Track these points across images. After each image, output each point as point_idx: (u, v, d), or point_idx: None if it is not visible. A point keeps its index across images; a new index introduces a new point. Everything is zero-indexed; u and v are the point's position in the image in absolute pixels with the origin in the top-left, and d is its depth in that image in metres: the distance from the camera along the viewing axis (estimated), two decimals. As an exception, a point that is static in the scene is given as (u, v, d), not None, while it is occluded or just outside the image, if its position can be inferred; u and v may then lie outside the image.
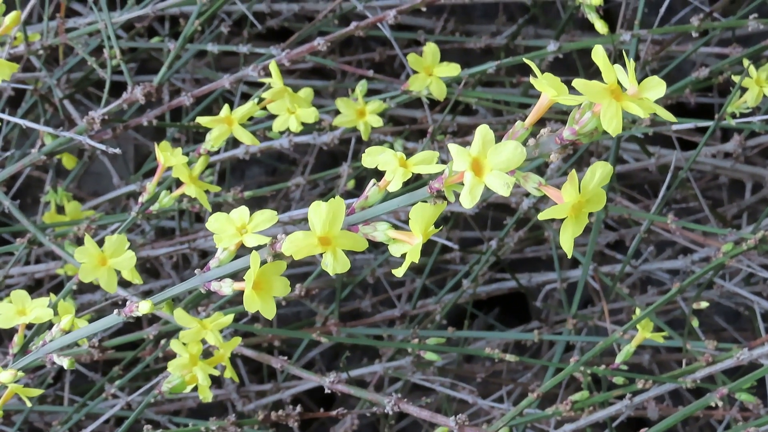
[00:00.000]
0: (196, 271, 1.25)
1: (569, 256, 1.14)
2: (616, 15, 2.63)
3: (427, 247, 2.76)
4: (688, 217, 2.73)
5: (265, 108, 1.95)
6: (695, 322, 2.06)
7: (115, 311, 1.31)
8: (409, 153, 1.60)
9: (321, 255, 1.17)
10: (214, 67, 2.75)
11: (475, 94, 2.26)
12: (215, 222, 1.23)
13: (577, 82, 1.05)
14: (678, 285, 1.97)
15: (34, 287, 2.65)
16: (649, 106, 1.07)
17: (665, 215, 2.22)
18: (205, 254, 2.67)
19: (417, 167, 1.15)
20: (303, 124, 2.02)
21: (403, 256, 1.16)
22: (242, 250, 1.25)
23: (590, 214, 2.26)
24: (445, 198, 1.13)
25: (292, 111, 1.99)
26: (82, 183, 2.99)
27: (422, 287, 2.55)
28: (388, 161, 1.15)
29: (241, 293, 1.20)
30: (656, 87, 1.10)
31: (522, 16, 2.94)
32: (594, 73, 2.87)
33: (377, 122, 2.07)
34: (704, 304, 2.03)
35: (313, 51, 2.08)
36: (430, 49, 2.06)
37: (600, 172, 1.10)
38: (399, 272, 1.15)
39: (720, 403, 1.86)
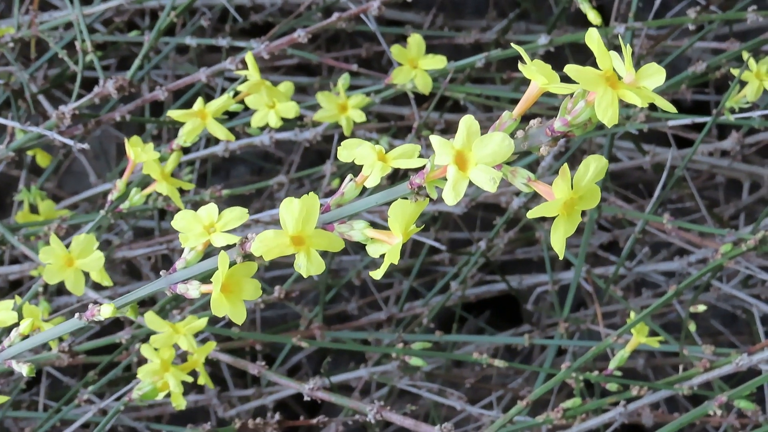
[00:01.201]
0: (161, 273, 1.18)
1: (561, 257, 1.07)
2: (609, 10, 2.57)
3: (415, 248, 2.73)
4: (683, 217, 2.67)
5: (242, 102, 1.88)
6: (692, 327, 2.00)
7: (76, 315, 1.24)
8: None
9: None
10: (196, 64, 2.69)
11: (463, 89, 2.20)
12: (181, 220, 1.16)
13: (570, 68, 0.98)
14: (674, 287, 1.91)
15: (10, 289, 2.58)
16: (647, 94, 1.01)
17: (660, 215, 2.17)
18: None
19: (397, 161, 1.09)
20: (284, 120, 1.96)
21: (383, 257, 1.09)
22: (212, 251, 1.18)
23: (583, 213, 2.21)
24: (427, 195, 1.06)
25: (271, 106, 1.92)
26: (63, 182, 2.93)
27: (410, 289, 2.51)
28: (366, 155, 1.09)
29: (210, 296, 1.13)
30: (655, 74, 1.03)
31: (513, 11, 2.88)
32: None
33: (360, 117, 2.00)
34: (702, 308, 1.98)
35: (294, 43, 2.02)
36: (415, 40, 2.00)
37: (594, 166, 1.03)
38: (377, 274, 1.09)
39: (719, 411, 1.80)
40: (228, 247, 1.14)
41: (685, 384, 1.89)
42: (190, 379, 1.75)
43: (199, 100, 1.83)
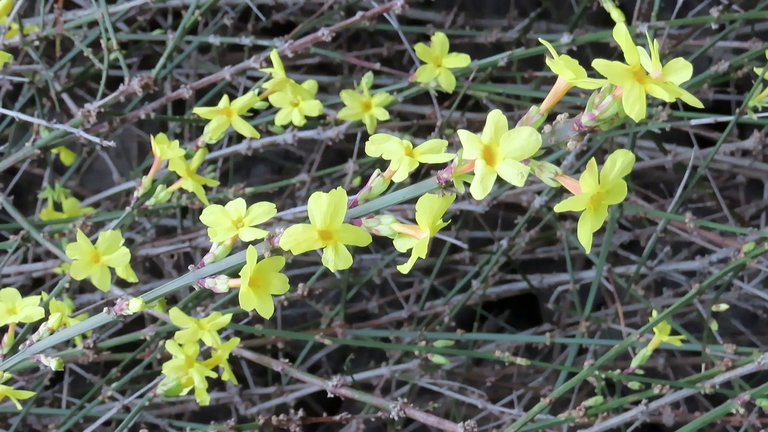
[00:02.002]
0: (189, 268, 1.19)
1: (587, 252, 1.07)
2: (631, 10, 2.56)
3: (436, 247, 2.73)
4: (705, 217, 2.67)
5: (266, 99, 1.89)
6: (714, 326, 2.00)
7: (105, 309, 1.25)
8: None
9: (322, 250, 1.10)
10: (218, 63, 2.69)
11: (485, 87, 2.20)
12: (210, 215, 1.16)
13: (598, 63, 0.99)
14: (697, 286, 1.91)
15: (32, 287, 2.60)
16: (674, 89, 1.00)
17: (682, 214, 2.17)
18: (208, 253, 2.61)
19: (424, 156, 1.09)
20: (307, 119, 1.96)
21: (409, 251, 1.10)
22: (239, 246, 1.18)
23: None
24: (454, 189, 1.06)
25: (295, 104, 1.93)
26: (85, 180, 2.94)
27: (431, 288, 2.51)
28: (394, 150, 1.09)
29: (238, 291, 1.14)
30: (682, 69, 1.03)
31: (534, 10, 2.88)
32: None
33: (383, 115, 2.00)
34: (723, 307, 1.97)
35: (317, 42, 2.02)
36: (439, 38, 2.00)
37: (621, 160, 1.03)
38: (405, 269, 1.09)
39: (741, 410, 1.79)
40: (256, 242, 1.15)
41: (707, 383, 1.88)
42: (214, 375, 1.75)
43: (225, 98, 1.83)
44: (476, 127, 2.48)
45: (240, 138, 2.36)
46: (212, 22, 2.62)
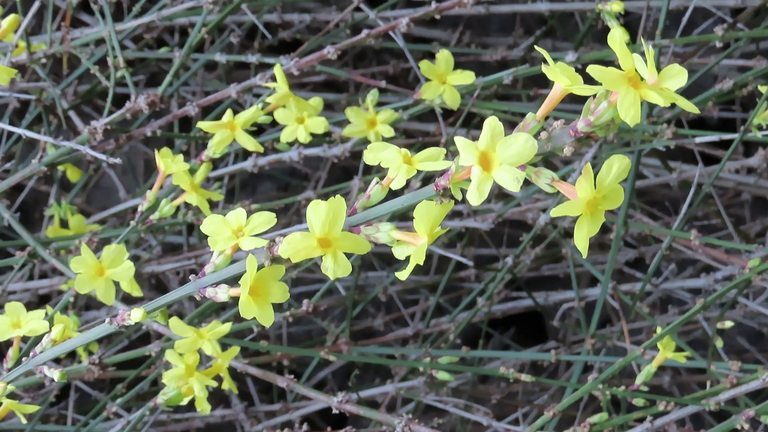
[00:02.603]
0: (190, 278, 1.19)
1: (584, 256, 1.08)
2: (636, 28, 2.57)
3: (442, 264, 2.73)
4: (710, 234, 2.67)
5: (271, 115, 1.90)
6: (719, 343, 2.00)
7: (107, 320, 1.25)
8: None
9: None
10: (225, 80, 2.70)
11: (490, 105, 2.20)
12: (210, 224, 1.17)
13: (593, 69, 1.00)
14: (701, 302, 1.91)
15: (39, 304, 2.60)
16: (669, 95, 1.01)
17: (687, 232, 2.17)
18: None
19: (422, 164, 1.10)
20: (313, 136, 1.97)
21: (408, 259, 1.10)
22: (240, 255, 1.19)
23: (609, 229, 2.20)
24: (452, 196, 1.08)
25: (300, 121, 1.94)
26: (91, 197, 2.95)
27: (436, 305, 2.50)
28: (392, 158, 1.11)
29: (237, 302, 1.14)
30: (677, 76, 1.04)
31: (539, 28, 2.89)
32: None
33: (388, 132, 2.01)
34: (729, 324, 1.97)
35: (322, 60, 2.03)
36: (443, 56, 2.01)
37: (617, 165, 1.04)
38: (403, 275, 1.10)
39: (746, 426, 1.79)
40: (256, 251, 1.15)
41: (712, 400, 1.88)
42: (214, 384, 1.76)
43: (228, 112, 1.85)
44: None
45: (246, 155, 2.36)
46: (219, 39, 2.63)
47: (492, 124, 1.02)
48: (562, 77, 1.04)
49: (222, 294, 1.17)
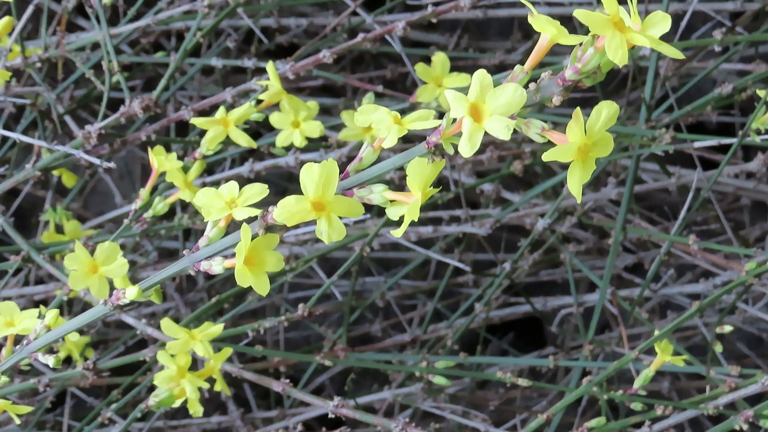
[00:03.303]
0: (184, 252, 1.20)
1: (578, 201, 1.10)
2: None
3: (440, 270, 2.73)
4: (709, 239, 2.67)
5: (264, 113, 1.90)
6: (719, 348, 1.99)
7: (102, 302, 1.25)
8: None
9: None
10: (221, 85, 2.70)
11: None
12: (203, 197, 1.17)
13: (579, 13, 1.01)
14: (697, 304, 1.91)
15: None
16: (654, 40, 1.03)
17: (686, 237, 2.16)
18: (211, 276, 2.61)
19: (412, 124, 1.10)
20: (309, 140, 1.97)
21: (401, 219, 1.11)
22: (233, 229, 1.18)
23: (608, 235, 2.19)
24: (443, 153, 1.08)
25: (296, 125, 1.94)
26: (88, 203, 2.94)
27: (434, 311, 2.50)
28: (382, 119, 1.11)
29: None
30: (661, 22, 1.06)
31: (537, 33, 2.88)
32: (615, 89, 2.82)
33: (385, 136, 2.00)
34: (728, 329, 1.97)
35: (318, 64, 2.03)
36: (439, 58, 2.02)
37: (606, 111, 1.05)
38: (398, 233, 1.09)
39: (745, 427, 1.79)
40: (250, 221, 1.16)
41: (711, 404, 1.88)
42: (206, 386, 1.76)
43: (222, 109, 1.86)
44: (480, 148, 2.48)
45: (242, 161, 2.36)
46: (215, 44, 2.63)
47: (481, 76, 1.03)
48: (549, 26, 1.05)
49: (217, 266, 1.17)
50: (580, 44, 1.04)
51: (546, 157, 1.03)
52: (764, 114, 2.01)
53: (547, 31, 1.05)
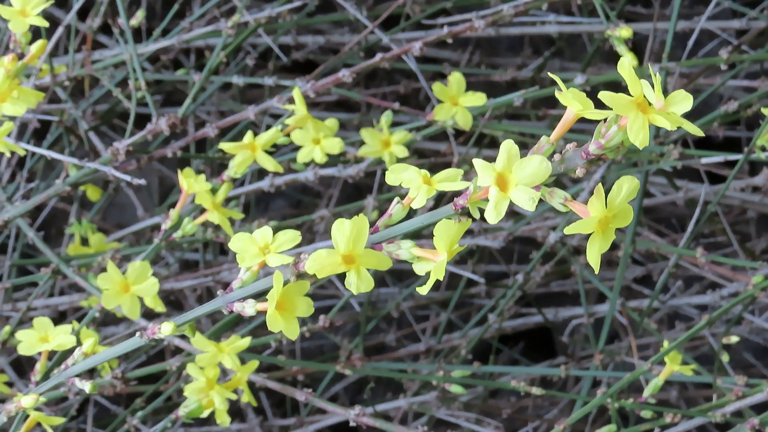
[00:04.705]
0: (218, 293, 1.24)
1: (596, 272, 1.13)
2: (643, 48, 2.61)
3: (453, 281, 2.77)
4: (716, 251, 2.70)
5: (288, 135, 1.94)
6: (725, 357, 2.03)
7: (137, 333, 1.30)
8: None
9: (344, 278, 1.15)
10: (239, 100, 2.75)
11: (500, 126, 2.25)
12: (238, 242, 1.22)
13: (604, 95, 1.04)
14: (707, 317, 1.95)
15: (58, 320, 2.64)
16: (676, 119, 1.06)
17: (694, 249, 2.20)
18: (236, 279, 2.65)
19: (441, 184, 1.14)
20: (328, 156, 2.01)
21: (428, 275, 1.14)
22: (265, 271, 1.23)
23: (618, 246, 2.24)
24: (469, 215, 1.12)
25: (316, 142, 1.99)
26: (106, 215, 2.99)
27: (447, 321, 2.53)
28: (412, 178, 1.15)
29: (264, 315, 1.19)
30: (683, 101, 1.08)
31: (548, 49, 2.93)
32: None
33: (402, 152, 2.06)
34: (734, 339, 2.01)
35: (338, 83, 2.08)
36: (455, 78, 2.06)
37: (627, 186, 1.08)
38: (424, 290, 1.14)
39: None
40: (282, 267, 1.20)
41: (718, 412, 1.91)
42: (234, 397, 1.80)
43: (249, 134, 1.90)
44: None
45: (262, 175, 2.41)
46: (234, 62, 2.68)
47: (508, 146, 1.06)
48: (574, 102, 1.08)
49: (249, 308, 1.22)
50: (605, 120, 1.08)
51: (569, 230, 1.06)
52: (769, 131, 2.05)
53: (573, 106, 1.09)
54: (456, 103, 2.07)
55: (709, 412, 1.91)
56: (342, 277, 2.47)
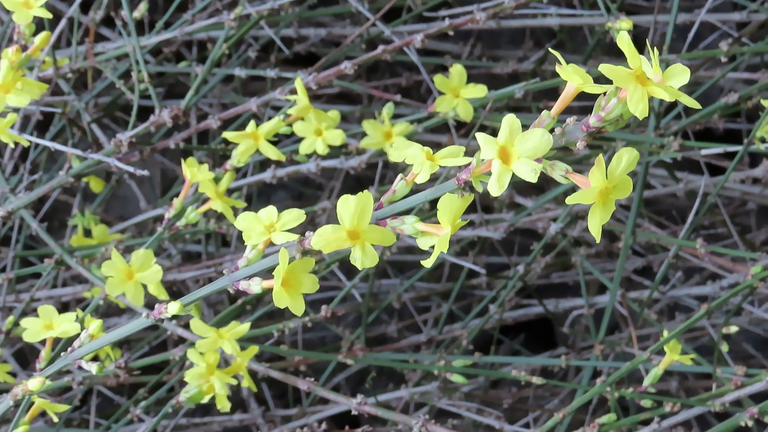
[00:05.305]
0: (224, 271, 1.25)
1: (597, 241, 1.15)
2: (643, 40, 2.62)
3: (454, 272, 2.78)
4: (716, 243, 2.71)
5: (290, 125, 1.96)
6: (725, 347, 2.04)
7: (144, 314, 1.31)
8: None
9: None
10: (241, 92, 2.76)
11: (501, 118, 2.24)
12: (244, 221, 1.23)
13: (604, 67, 1.06)
14: (705, 307, 1.96)
15: (61, 311, 2.63)
16: (673, 92, 1.08)
17: (694, 241, 2.21)
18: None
19: (444, 160, 1.16)
20: (329, 148, 2.03)
21: (431, 249, 1.17)
22: (270, 250, 1.25)
23: (618, 238, 2.25)
24: (472, 189, 1.13)
25: (318, 133, 2.00)
26: (108, 207, 3.00)
27: (448, 312, 2.54)
28: (415, 155, 1.16)
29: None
30: (680, 74, 1.11)
31: (549, 41, 2.94)
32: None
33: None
34: (734, 329, 2.02)
35: (339, 75, 2.09)
36: (457, 70, 2.07)
37: (627, 157, 1.10)
38: (428, 263, 1.16)
39: (750, 423, 1.84)
40: (287, 245, 1.21)
41: (717, 401, 1.92)
42: (234, 382, 1.81)
43: (252, 123, 1.91)
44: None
45: (264, 166, 2.42)
46: (236, 54, 2.69)
47: (510, 120, 1.08)
48: (575, 76, 1.10)
49: (255, 286, 1.22)
50: (605, 94, 1.10)
51: (570, 200, 1.08)
52: (768, 122, 2.06)
53: (573, 80, 1.11)
54: (457, 95, 2.09)
55: (708, 402, 1.93)
56: (344, 268, 2.49)
